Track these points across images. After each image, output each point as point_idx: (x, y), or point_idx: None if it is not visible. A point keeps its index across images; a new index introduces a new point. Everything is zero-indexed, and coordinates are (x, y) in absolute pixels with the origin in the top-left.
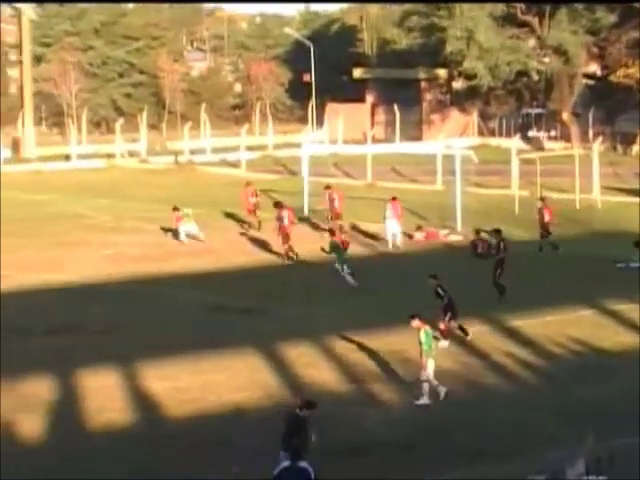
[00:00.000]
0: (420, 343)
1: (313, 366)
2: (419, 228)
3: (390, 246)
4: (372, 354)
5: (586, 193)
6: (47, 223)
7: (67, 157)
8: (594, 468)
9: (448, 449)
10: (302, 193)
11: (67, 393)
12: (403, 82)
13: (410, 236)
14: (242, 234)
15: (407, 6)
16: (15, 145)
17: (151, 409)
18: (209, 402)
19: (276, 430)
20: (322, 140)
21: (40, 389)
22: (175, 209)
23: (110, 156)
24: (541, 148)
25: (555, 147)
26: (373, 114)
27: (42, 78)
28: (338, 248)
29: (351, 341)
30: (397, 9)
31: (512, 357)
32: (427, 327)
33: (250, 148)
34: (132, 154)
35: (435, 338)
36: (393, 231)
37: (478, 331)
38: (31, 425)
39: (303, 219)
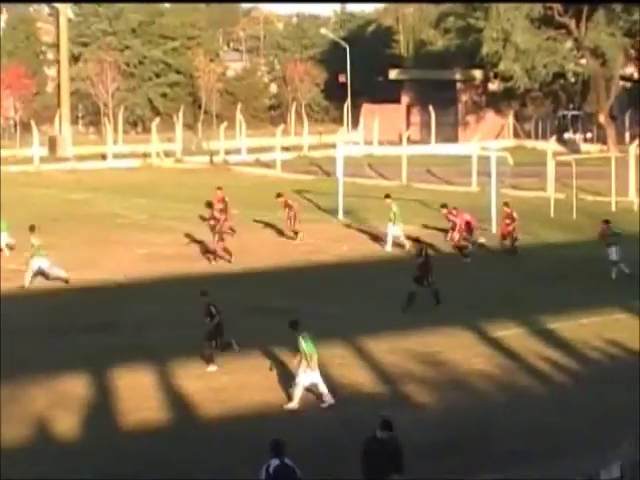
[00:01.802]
0: (300, 349)
1: (347, 367)
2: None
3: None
4: (406, 355)
5: (622, 196)
6: (83, 222)
7: (103, 156)
8: (630, 473)
9: (480, 451)
10: (337, 194)
11: (102, 391)
12: (439, 83)
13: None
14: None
15: (443, 7)
16: (52, 144)
17: (186, 408)
18: (243, 401)
19: (308, 430)
20: (357, 141)
21: (75, 387)
22: (32, 229)
23: (146, 155)
24: (577, 150)
25: (591, 149)
26: (408, 115)
27: (79, 77)
28: None
29: (385, 342)
30: (433, 10)
31: (547, 359)
32: (304, 334)
33: (285, 148)
34: (168, 154)
35: (309, 341)
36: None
37: (514, 333)
38: (66, 422)
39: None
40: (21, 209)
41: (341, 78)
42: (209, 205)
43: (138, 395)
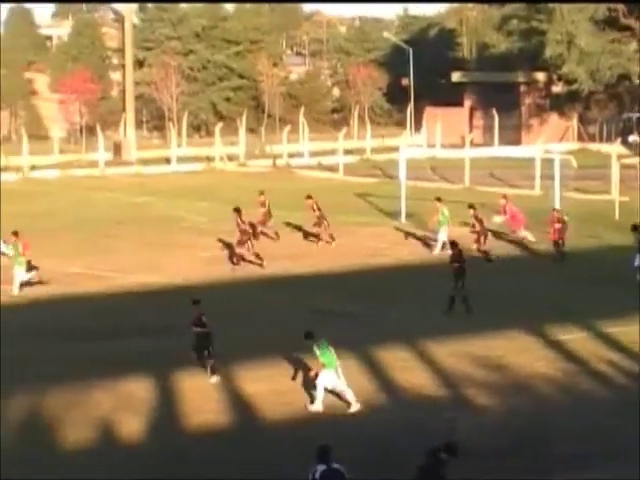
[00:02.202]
0: (317, 356)
1: (408, 370)
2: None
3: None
4: (468, 359)
5: None
6: (146, 225)
7: (167, 160)
8: None
9: (542, 454)
10: (399, 197)
11: (165, 393)
12: (502, 86)
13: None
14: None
15: (507, 9)
16: (116, 148)
17: (248, 411)
18: (305, 405)
19: (369, 432)
20: (420, 144)
21: (138, 389)
22: (15, 234)
23: (209, 159)
24: None
25: None
26: (471, 118)
27: (143, 82)
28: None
29: (446, 346)
30: (496, 13)
31: (609, 363)
32: (321, 340)
33: (348, 152)
34: (231, 157)
35: (325, 349)
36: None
37: (577, 337)
38: (130, 425)
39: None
40: (86, 212)
41: (404, 81)
42: (237, 211)
43: (200, 397)
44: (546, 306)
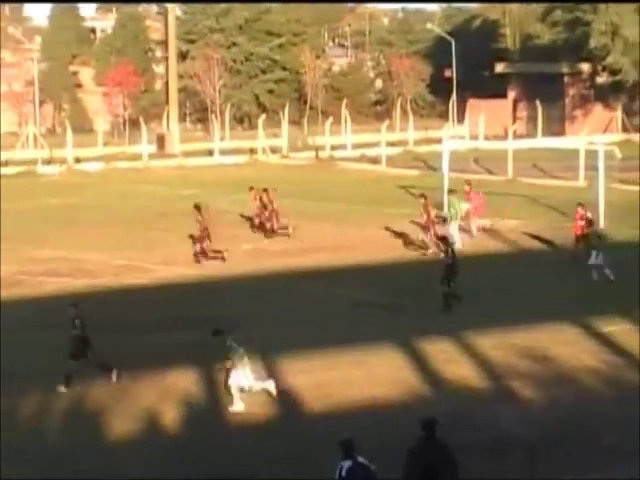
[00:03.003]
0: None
1: (453, 362)
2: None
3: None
4: (511, 351)
5: None
6: (190, 217)
7: (210, 152)
8: None
9: (589, 448)
10: (442, 189)
11: (206, 386)
12: (546, 77)
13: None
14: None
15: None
16: (160, 141)
17: (289, 403)
18: (347, 397)
19: (410, 424)
20: (463, 136)
21: (180, 381)
22: None
23: (252, 152)
24: None
25: None
26: (515, 109)
27: (187, 74)
28: None
29: (490, 338)
30: (540, 4)
31: None
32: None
33: (390, 144)
34: (274, 150)
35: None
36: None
37: (620, 329)
38: (172, 416)
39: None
40: (129, 204)
41: (447, 73)
42: (197, 208)
43: None
44: (589, 298)
